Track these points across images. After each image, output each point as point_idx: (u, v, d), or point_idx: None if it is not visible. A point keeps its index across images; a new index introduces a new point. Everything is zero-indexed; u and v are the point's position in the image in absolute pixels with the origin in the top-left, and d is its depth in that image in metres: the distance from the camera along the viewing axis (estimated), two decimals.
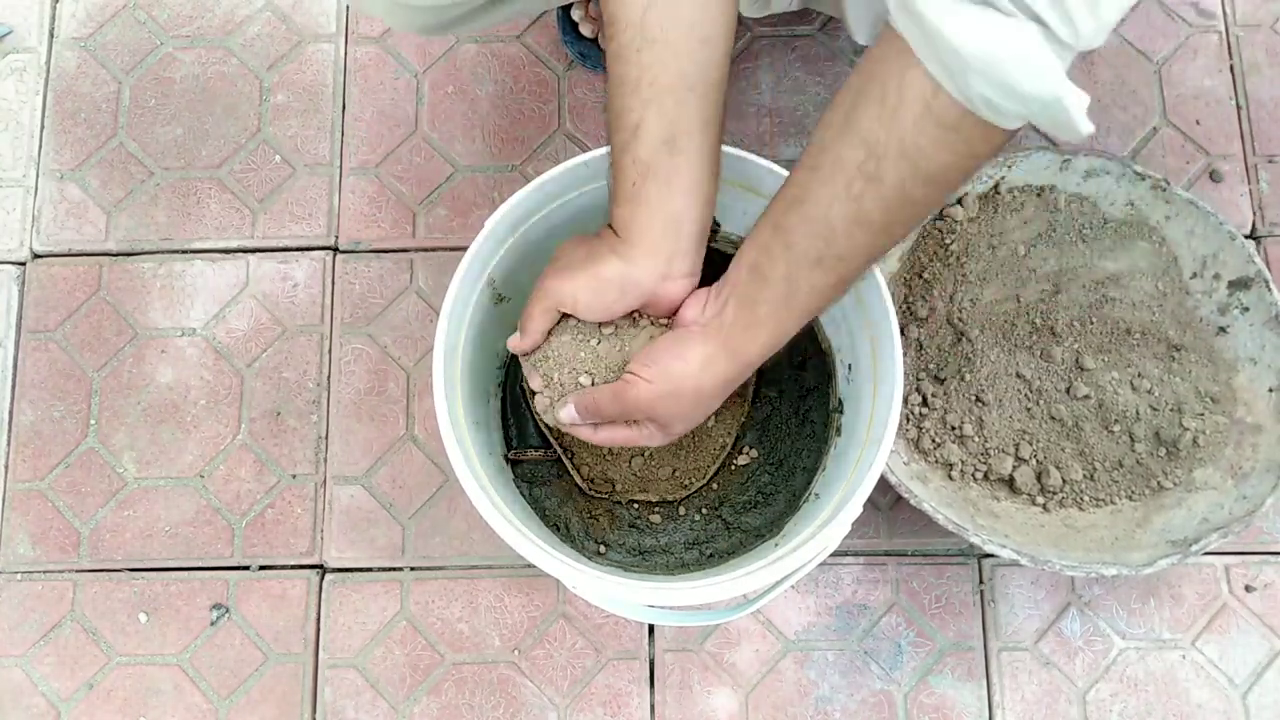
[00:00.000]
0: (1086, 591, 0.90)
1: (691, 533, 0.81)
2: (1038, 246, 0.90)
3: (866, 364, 0.71)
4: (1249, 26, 1.02)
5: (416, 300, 0.98)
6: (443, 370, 0.67)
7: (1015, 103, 0.49)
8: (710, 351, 0.63)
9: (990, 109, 0.49)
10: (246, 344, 0.97)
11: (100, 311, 0.98)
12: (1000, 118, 0.50)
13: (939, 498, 0.82)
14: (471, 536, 0.92)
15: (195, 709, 0.90)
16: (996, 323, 0.88)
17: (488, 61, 1.03)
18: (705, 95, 0.61)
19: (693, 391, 0.64)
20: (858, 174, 0.55)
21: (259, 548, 0.93)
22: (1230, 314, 0.86)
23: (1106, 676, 0.89)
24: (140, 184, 1.01)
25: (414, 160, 1.01)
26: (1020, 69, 0.47)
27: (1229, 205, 0.98)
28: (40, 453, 0.95)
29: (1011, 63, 0.47)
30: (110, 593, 0.92)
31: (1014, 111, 0.49)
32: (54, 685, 0.91)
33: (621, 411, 0.66)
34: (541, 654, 0.90)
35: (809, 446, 0.82)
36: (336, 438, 0.95)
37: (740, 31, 1.02)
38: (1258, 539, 0.91)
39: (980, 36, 0.47)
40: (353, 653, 0.91)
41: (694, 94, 0.60)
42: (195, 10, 1.05)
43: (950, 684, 0.89)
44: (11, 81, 1.04)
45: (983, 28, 0.47)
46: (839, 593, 0.91)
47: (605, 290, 0.64)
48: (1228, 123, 1.00)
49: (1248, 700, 0.88)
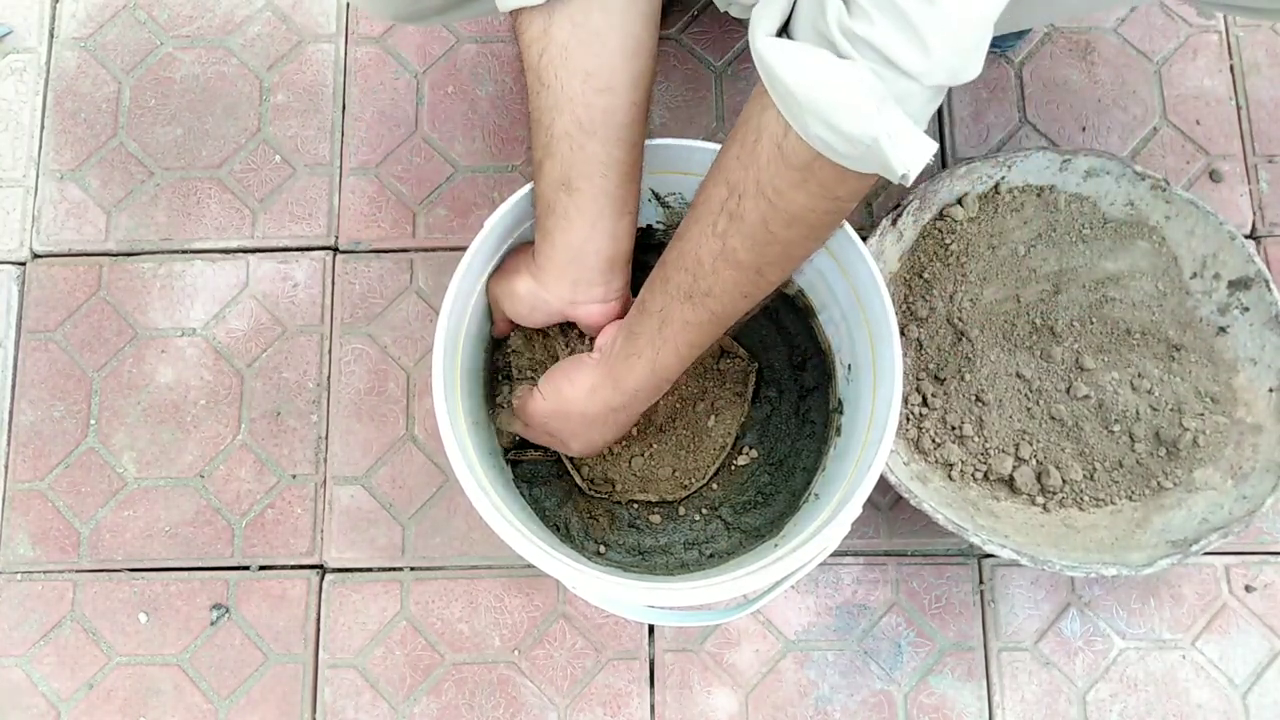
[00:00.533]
0: (1086, 591, 0.90)
1: (691, 533, 0.81)
2: (1038, 246, 0.90)
3: (866, 364, 0.71)
4: (1249, 26, 1.02)
5: (416, 300, 0.98)
6: (443, 370, 0.67)
7: (845, 143, 0.48)
8: (596, 379, 0.67)
9: (829, 150, 0.49)
10: (246, 344, 0.97)
11: (100, 311, 0.98)
12: (842, 159, 0.49)
13: (939, 498, 0.82)
14: (471, 536, 0.92)
15: (195, 709, 0.90)
16: (996, 323, 0.88)
17: (488, 61, 1.03)
18: (607, 139, 0.61)
19: (579, 415, 0.69)
20: (722, 211, 0.55)
21: (259, 548, 0.93)
22: (1230, 314, 0.86)
23: (1106, 677, 0.89)
24: (140, 184, 1.01)
25: (414, 160, 1.01)
26: (843, 109, 0.46)
27: (1229, 205, 0.98)
28: (40, 453, 0.95)
29: (836, 103, 0.46)
30: (110, 593, 0.92)
31: (846, 152, 0.48)
32: (54, 685, 0.91)
33: (523, 417, 0.73)
34: (541, 654, 0.90)
35: (809, 446, 0.82)
36: (336, 438, 0.95)
37: (740, 31, 1.02)
38: (1258, 539, 0.91)
39: (812, 77, 0.46)
40: (353, 653, 0.91)
41: (594, 139, 0.61)
42: (195, 10, 1.05)
43: (950, 684, 0.89)
44: (11, 81, 1.04)
45: (815, 68, 0.46)
46: (839, 593, 0.91)
47: (518, 303, 0.70)
48: (1228, 123, 1.00)
49: (1248, 700, 0.88)
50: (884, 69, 0.45)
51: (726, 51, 1.02)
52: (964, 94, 1.00)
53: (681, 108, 1.01)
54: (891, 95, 0.46)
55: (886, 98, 0.46)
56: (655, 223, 0.82)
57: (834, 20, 0.45)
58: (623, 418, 0.70)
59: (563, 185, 0.63)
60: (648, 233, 0.83)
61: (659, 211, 0.79)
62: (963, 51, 0.45)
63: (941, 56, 0.45)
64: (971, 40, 0.45)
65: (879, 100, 0.46)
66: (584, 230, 0.64)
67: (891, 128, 0.47)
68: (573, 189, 0.63)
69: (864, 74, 0.46)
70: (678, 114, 1.01)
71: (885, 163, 0.48)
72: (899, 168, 0.48)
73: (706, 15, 1.03)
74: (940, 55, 0.45)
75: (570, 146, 0.61)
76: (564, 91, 0.60)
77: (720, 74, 1.02)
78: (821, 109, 0.47)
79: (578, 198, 0.63)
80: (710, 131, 1.00)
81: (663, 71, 1.02)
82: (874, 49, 0.45)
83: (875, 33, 0.44)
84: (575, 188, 0.63)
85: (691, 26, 1.03)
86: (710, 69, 1.02)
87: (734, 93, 1.01)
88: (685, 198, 0.77)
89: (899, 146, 0.47)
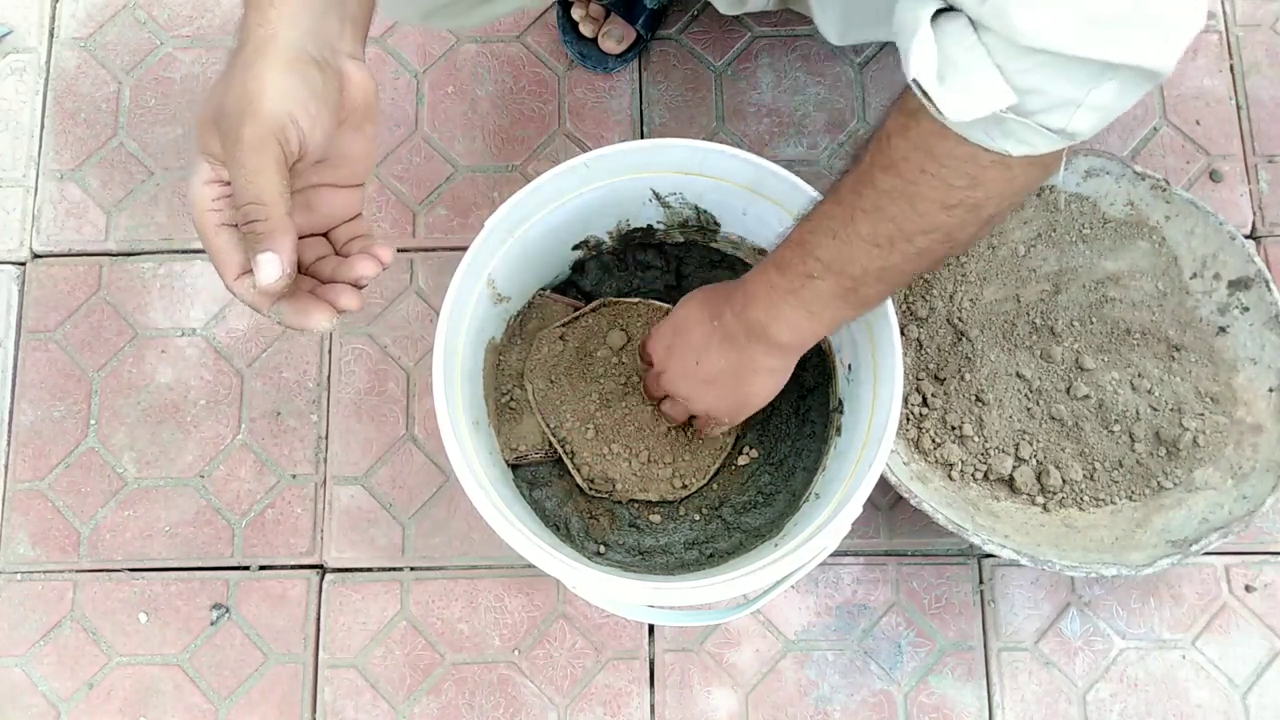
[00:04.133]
0: (1086, 591, 0.90)
1: (691, 533, 0.81)
2: (1038, 246, 0.90)
3: (866, 364, 0.71)
4: (1249, 26, 1.02)
5: (416, 300, 0.98)
6: (443, 370, 0.67)
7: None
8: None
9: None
10: (246, 344, 0.97)
11: (100, 311, 0.98)
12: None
13: (939, 498, 0.82)
14: (471, 536, 0.92)
15: (195, 709, 0.90)
16: (996, 323, 0.88)
17: (488, 61, 1.03)
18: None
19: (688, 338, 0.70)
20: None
21: (259, 548, 0.93)
22: (1230, 314, 0.86)
23: (1106, 676, 0.89)
24: (140, 184, 1.01)
25: (414, 160, 1.01)
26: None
27: (1229, 205, 0.98)
28: (40, 453, 0.95)
29: None
30: (110, 593, 0.92)
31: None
32: (54, 685, 0.91)
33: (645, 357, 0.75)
34: (541, 654, 0.90)
35: (809, 446, 0.82)
36: (336, 438, 0.95)
37: (740, 31, 1.02)
38: (1258, 539, 0.91)
39: None
40: (353, 653, 0.90)
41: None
42: (195, 10, 1.05)
43: (950, 684, 0.89)
44: (11, 81, 1.04)
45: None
46: (839, 593, 0.91)
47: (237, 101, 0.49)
48: (1228, 123, 1.00)
49: (1248, 700, 0.88)
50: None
51: (726, 51, 1.02)
52: None
53: (681, 108, 1.01)
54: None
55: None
56: (656, 222, 0.82)
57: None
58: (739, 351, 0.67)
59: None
60: (648, 232, 0.83)
61: (659, 211, 0.79)
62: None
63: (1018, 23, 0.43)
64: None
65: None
66: None
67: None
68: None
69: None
70: (678, 114, 1.01)
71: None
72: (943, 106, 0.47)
73: (706, 15, 1.03)
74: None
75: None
76: None
77: (720, 74, 1.02)
78: None
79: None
80: (710, 132, 1.00)
81: (663, 71, 1.02)
82: None
83: None
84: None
85: (691, 26, 1.03)
86: (710, 69, 1.02)
87: (734, 93, 1.01)
88: (685, 198, 0.77)
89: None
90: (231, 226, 0.47)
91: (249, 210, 0.45)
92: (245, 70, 0.46)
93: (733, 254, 0.84)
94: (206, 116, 0.47)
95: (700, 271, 0.86)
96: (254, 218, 0.45)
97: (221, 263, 0.47)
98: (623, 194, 0.76)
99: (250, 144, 0.45)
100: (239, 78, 0.47)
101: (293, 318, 0.48)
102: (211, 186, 0.47)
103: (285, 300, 0.48)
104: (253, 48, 0.47)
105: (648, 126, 1.01)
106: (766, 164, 0.69)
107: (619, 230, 0.82)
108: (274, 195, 0.45)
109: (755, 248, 0.80)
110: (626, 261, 0.86)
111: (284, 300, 0.48)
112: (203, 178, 0.47)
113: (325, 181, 0.52)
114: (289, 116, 0.46)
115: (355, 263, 0.51)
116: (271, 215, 0.45)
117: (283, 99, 0.46)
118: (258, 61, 0.46)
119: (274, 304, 0.48)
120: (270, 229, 0.45)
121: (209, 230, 0.47)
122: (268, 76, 0.46)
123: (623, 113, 1.01)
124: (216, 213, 0.47)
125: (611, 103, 1.01)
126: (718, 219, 0.79)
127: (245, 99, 0.46)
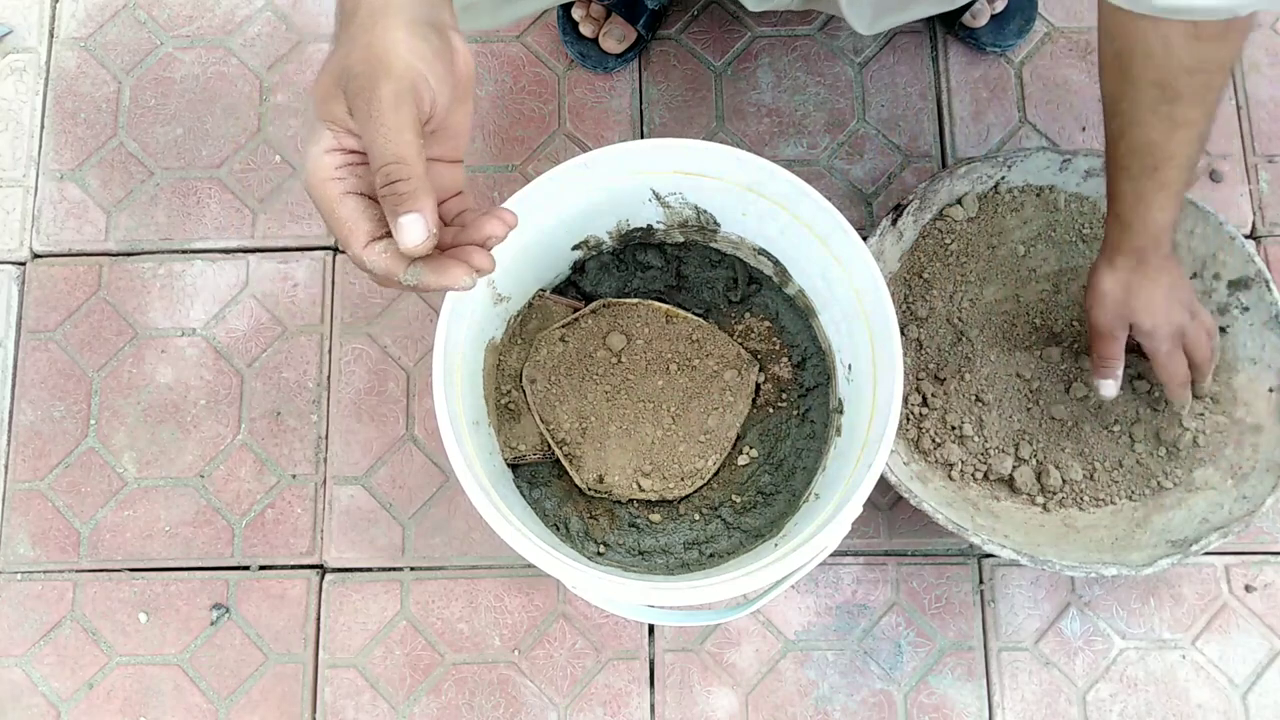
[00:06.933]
0: (1086, 591, 0.90)
1: (691, 533, 0.81)
2: (1038, 246, 0.90)
3: (866, 364, 0.71)
4: None
5: (416, 300, 0.98)
6: (443, 370, 0.67)
7: None
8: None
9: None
10: (246, 344, 0.97)
11: (100, 311, 0.98)
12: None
13: (939, 498, 0.82)
14: (471, 536, 0.92)
15: (195, 709, 0.90)
16: (996, 323, 0.88)
17: (488, 61, 1.03)
18: None
19: None
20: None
21: (259, 548, 0.93)
22: (1230, 314, 0.86)
23: (1106, 676, 0.89)
24: (140, 184, 1.01)
25: None
26: None
27: (1229, 205, 0.98)
28: (40, 453, 0.95)
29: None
30: (110, 593, 0.92)
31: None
32: (54, 685, 0.91)
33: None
34: (541, 654, 0.90)
35: (809, 446, 0.82)
36: (336, 438, 0.95)
37: (740, 31, 1.03)
38: (1258, 539, 0.91)
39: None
40: (353, 653, 0.90)
41: None
42: (195, 10, 1.05)
43: (950, 684, 0.89)
44: (11, 81, 1.04)
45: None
46: (839, 593, 0.91)
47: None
48: (1228, 123, 1.00)
49: (1248, 700, 0.88)
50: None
51: (726, 51, 1.02)
52: (964, 94, 1.00)
53: (681, 108, 1.01)
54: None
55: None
56: (655, 222, 0.82)
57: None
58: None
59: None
60: (648, 232, 0.83)
61: (659, 211, 0.79)
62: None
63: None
64: None
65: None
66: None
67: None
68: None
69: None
70: (678, 114, 1.01)
71: None
72: None
73: (706, 15, 1.03)
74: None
75: None
76: None
77: (720, 74, 1.02)
78: None
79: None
80: (710, 132, 1.00)
81: (663, 71, 1.02)
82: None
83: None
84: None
85: (691, 26, 1.03)
86: (710, 69, 1.02)
87: (734, 93, 1.01)
88: (685, 198, 0.77)
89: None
90: (356, 195, 0.46)
91: (391, 170, 0.44)
92: (367, 32, 0.45)
93: (732, 254, 0.84)
94: (329, 83, 0.46)
95: (700, 271, 0.86)
96: (396, 177, 0.44)
97: (349, 231, 0.46)
98: (623, 194, 0.76)
99: (389, 102, 0.44)
100: (361, 39, 0.45)
101: (432, 277, 0.46)
102: (333, 155, 0.46)
103: (422, 262, 0.46)
104: (367, 12, 0.46)
105: (648, 126, 1.01)
106: (766, 164, 0.69)
107: (619, 230, 0.82)
108: (415, 154, 0.44)
109: (755, 248, 0.80)
110: (626, 261, 0.86)
111: (421, 262, 0.46)
112: (324, 145, 0.46)
113: (433, 155, 0.50)
114: (420, 75, 0.45)
115: (483, 223, 0.49)
116: (414, 174, 0.44)
117: (412, 57, 0.45)
118: (379, 22, 0.45)
119: (410, 266, 0.46)
120: (413, 188, 0.44)
121: (333, 199, 0.46)
122: (396, 35, 0.45)
123: (623, 113, 1.01)
124: (340, 181, 0.46)
125: (611, 103, 1.01)
126: (718, 219, 0.79)
127: (375, 59, 0.45)
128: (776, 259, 0.80)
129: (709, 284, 0.86)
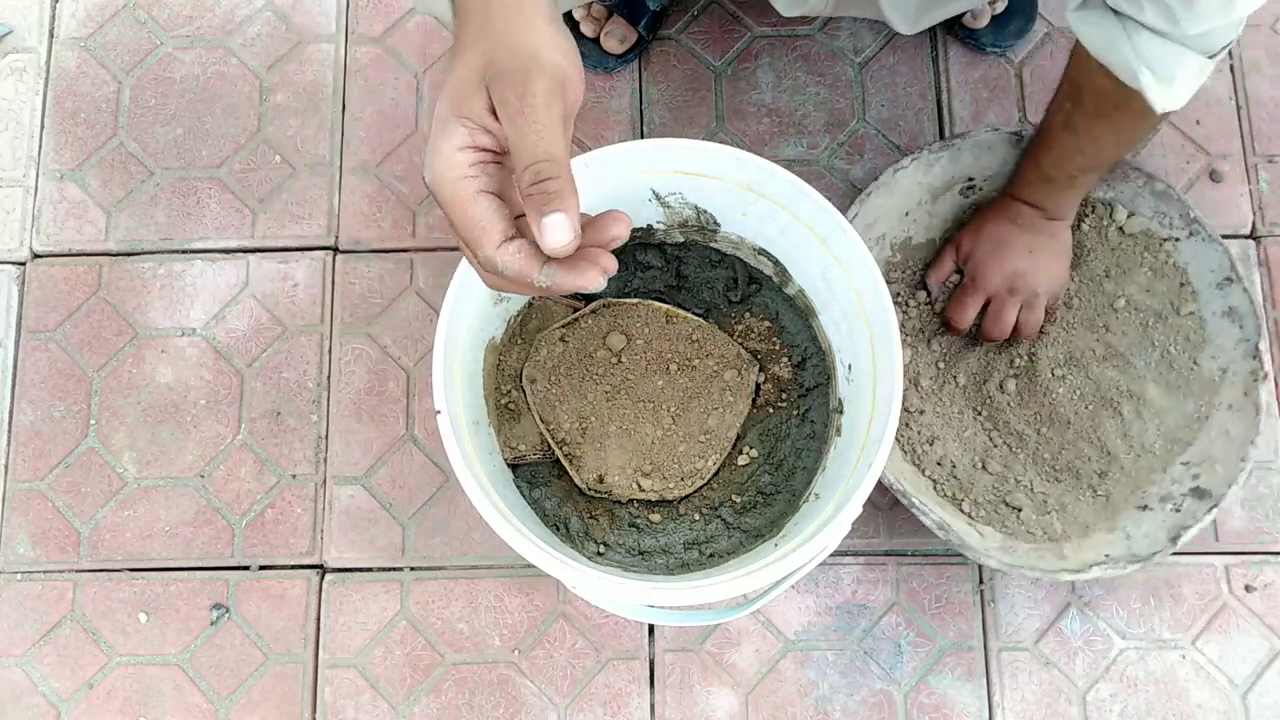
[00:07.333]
0: (1086, 591, 0.90)
1: (691, 533, 0.81)
2: None
3: (866, 364, 0.71)
4: (1249, 26, 1.02)
5: (416, 300, 0.98)
6: (443, 370, 0.67)
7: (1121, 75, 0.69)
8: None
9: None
10: (246, 344, 0.97)
11: (100, 311, 0.98)
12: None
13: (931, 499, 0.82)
14: (471, 536, 0.92)
15: (195, 709, 0.90)
16: None
17: None
18: None
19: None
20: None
21: (259, 548, 0.93)
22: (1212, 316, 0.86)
23: (1106, 676, 0.89)
24: (140, 184, 1.01)
25: (414, 160, 1.01)
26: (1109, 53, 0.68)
27: (1229, 205, 0.98)
28: (40, 453, 0.95)
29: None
30: (110, 593, 0.92)
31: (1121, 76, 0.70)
32: (54, 685, 0.91)
33: None
34: (541, 654, 0.90)
35: (809, 446, 0.82)
36: (336, 438, 0.95)
37: (740, 31, 1.02)
38: (1257, 539, 0.91)
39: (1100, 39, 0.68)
40: (353, 653, 0.90)
41: None
42: (195, 10, 1.05)
43: (950, 684, 0.89)
44: (11, 81, 1.04)
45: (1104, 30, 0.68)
46: (839, 593, 0.91)
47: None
48: (1228, 123, 1.00)
49: (1248, 700, 0.88)
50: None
51: (726, 51, 1.02)
52: (964, 94, 1.00)
53: (681, 108, 1.01)
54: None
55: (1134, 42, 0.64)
56: (656, 223, 0.82)
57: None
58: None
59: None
60: (648, 232, 0.83)
61: (659, 211, 0.79)
62: None
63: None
64: None
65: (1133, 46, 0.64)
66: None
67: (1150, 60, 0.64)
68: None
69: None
70: (678, 114, 1.01)
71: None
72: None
73: (706, 15, 1.03)
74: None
75: None
76: None
77: (720, 74, 1.02)
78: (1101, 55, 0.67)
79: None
80: (710, 132, 1.00)
81: (663, 71, 1.02)
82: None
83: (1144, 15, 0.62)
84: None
85: (691, 26, 1.03)
86: (710, 69, 1.02)
87: (734, 92, 1.01)
88: (685, 198, 0.77)
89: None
90: (489, 194, 0.45)
91: (541, 169, 0.42)
92: (509, 25, 0.44)
93: (733, 254, 0.84)
94: (471, 77, 0.44)
95: (700, 271, 0.86)
96: (547, 175, 0.42)
97: (481, 231, 0.44)
98: (622, 194, 0.76)
99: (543, 98, 0.42)
100: (505, 34, 0.44)
101: (566, 278, 0.45)
102: (466, 153, 0.44)
103: (557, 263, 0.45)
104: (504, 5, 0.45)
105: (648, 126, 1.01)
106: (766, 164, 0.69)
107: None
108: (564, 152, 0.43)
109: (755, 247, 0.81)
110: (626, 261, 0.86)
111: (555, 263, 0.45)
112: (458, 142, 0.44)
113: None
114: (566, 72, 0.44)
115: (607, 224, 0.47)
116: (563, 173, 0.42)
117: (558, 53, 0.44)
118: (521, 16, 0.44)
119: (545, 267, 0.44)
120: (562, 187, 0.42)
121: (467, 198, 0.44)
122: (544, 31, 0.44)
123: (623, 113, 1.01)
124: (473, 179, 0.44)
125: (611, 103, 1.01)
126: (718, 219, 0.79)
127: (525, 53, 0.43)
128: (776, 259, 0.80)
129: (709, 284, 0.86)
